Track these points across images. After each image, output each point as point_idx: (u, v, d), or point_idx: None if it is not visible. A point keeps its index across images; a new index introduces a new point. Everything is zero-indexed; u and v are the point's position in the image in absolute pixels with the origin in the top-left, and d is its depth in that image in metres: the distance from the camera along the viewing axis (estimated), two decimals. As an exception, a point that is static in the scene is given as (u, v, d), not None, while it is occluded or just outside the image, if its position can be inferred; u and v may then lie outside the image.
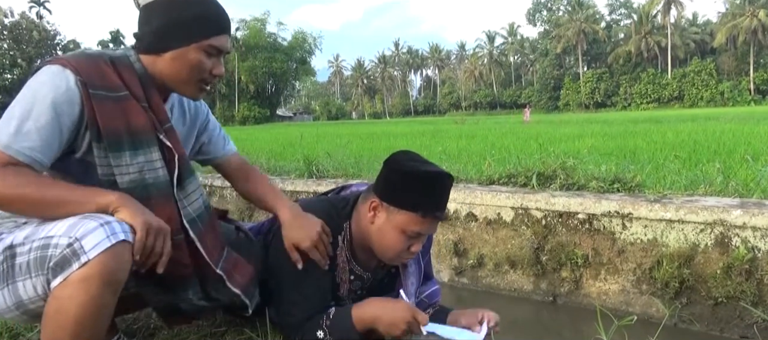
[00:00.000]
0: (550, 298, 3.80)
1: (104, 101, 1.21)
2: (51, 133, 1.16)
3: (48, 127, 1.15)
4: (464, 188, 4.37)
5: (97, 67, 1.24)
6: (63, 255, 1.07)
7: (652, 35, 71.76)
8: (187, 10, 1.28)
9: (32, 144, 1.14)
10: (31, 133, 1.14)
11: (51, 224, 1.13)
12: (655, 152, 6.30)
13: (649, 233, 3.39)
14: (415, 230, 1.44)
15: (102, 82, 1.23)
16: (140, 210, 1.15)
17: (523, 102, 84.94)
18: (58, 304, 1.07)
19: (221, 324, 1.63)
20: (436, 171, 1.45)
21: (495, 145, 8.76)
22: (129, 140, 1.24)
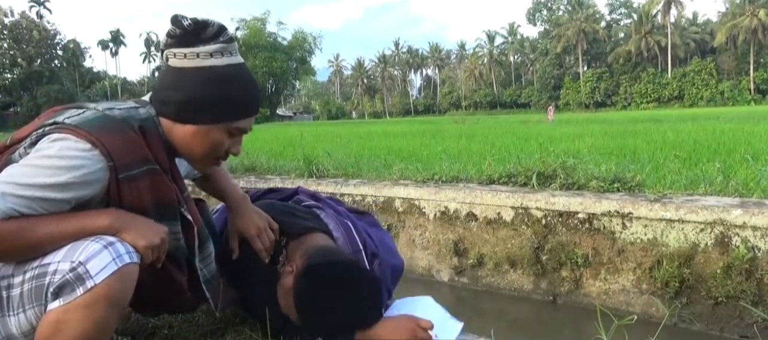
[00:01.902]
0: (550, 297, 3.80)
1: (133, 180, 1.15)
2: (51, 209, 1.09)
3: (50, 204, 1.08)
4: (464, 187, 4.38)
5: (127, 141, 1.15)
6: (65, 280, 1.03)
7: (652, 35, 71.74)
8: (221, 88, 1.21)
9: (21, 211, 1.06)
10: (30, 202, 1.06)
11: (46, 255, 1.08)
12: (655, 152, 6.30)
13: (649, 232, 3.39)
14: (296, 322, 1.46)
15: (132, 158, 1.15)
16: (141, 231, 1.12)
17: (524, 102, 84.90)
18: (56, 327, 1.03)
19: (220, 323, 1.63)
20: (336, 313, 1.36)
21: (495, 144, 8.75)
22: (155, 214, 1.19)
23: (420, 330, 1.39)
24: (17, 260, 1.09)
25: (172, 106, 1.20)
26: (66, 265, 1.04)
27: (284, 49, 58.80)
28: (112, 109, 1.19)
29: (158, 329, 1.62)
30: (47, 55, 63.70)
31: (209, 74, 1.19)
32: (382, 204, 4.75)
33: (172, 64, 1.20)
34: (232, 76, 1.23)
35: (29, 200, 1.05)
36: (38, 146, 1.11)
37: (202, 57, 1.19)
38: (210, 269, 1.36)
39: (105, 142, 1.11)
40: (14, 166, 1.10)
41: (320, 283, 1.35)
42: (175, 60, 1.20)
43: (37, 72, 60.44)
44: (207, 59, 1.20)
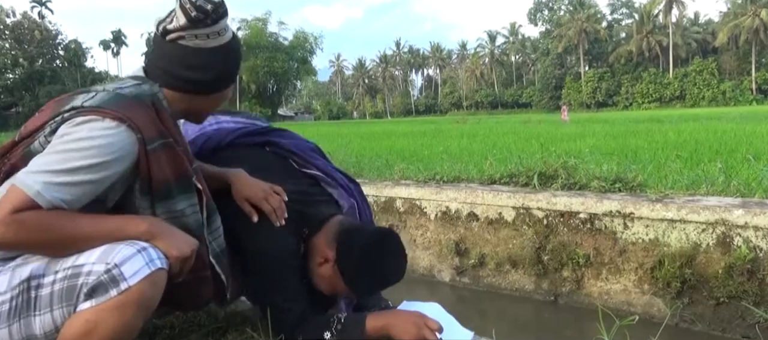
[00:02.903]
0: (552, 298, 3.80)
1: (157, 153, 1.19)
2: (89, 191, 1.11)
3: (88, 187, 1.10)
4: (465, 187, 4.37)
5: (148, 117, 1.20)
6: (100, 281, 1.05)
7: (653, 35, 71.67)
8: (235, 59, 1.35)
9: (64, 198, 1.08)
10: (68, 186, 1.08)
11: (78, 254, 1.10)
12: (657, 152, 6.29)
13: (651, 232, 3.38)
14: (346, 294, 1.57)
15: (154, 132, 1.19)
16: (175, 241, 1.15)
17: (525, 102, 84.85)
18: (87, 327, 1.05)
19: (222, 322, 1.63)
20: (390, 276, 1.52)
21: (496, 144, 8.75)
22: (177, 187, 1.23)
23: (427, 329, 1.41)
24: (53, 254, 1.10)
25: (201, 85, 1.30)
26: (101, 267, 1.06)
27: (285, 49, 58.85)
28: (121, 88, 1.23)
29: (160, 329, 1.62)
30: (49, 56, 63.78)
31: (226, 50, 1.31)
32: (383, 204, 4.75)
33: (194, 44, 1.26)
34: (236, 46, 1.37)
35: (69, 186, 1.07)
36: (62, 132, 1.12)
37: (221, 35, 1.29)
38: (219, 243, 1.37)
39: (131, 117, 1.15)
40: (43, 155, 1.10)
41: (362, 254, 1.46)
42: (197, 41, 1.26)
43: (38, 72, 60.53)
44: (223, 36, 1.30)
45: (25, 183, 1.05)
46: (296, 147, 1.69)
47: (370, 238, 1.51)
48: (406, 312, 1.52)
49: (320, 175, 1.65)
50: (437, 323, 1.46)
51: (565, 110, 28.31)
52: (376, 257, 1.47)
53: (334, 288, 1.51)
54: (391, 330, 1.45)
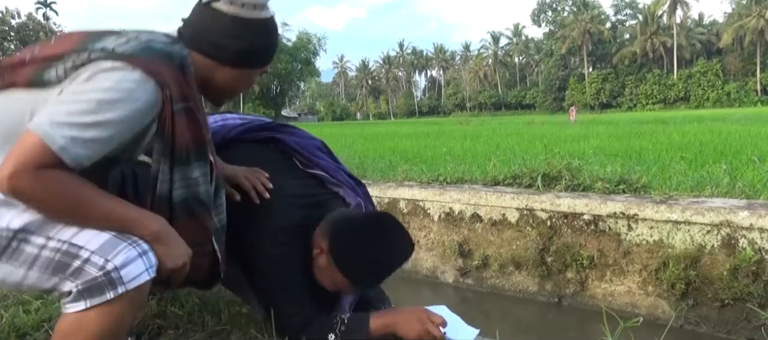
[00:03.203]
0: (556, 299, 3.79)
1: (180, 116, 1.16)
2: (111, 148, 1.09)
3: (109, 142, 1.07)
4: (469, 188, 4.37)
5: (176, 77, 1.16)
6: (96, 281, 1.03)
7: (657, 36, 71.49)
8: (269, 38, 1.32)
9: (88, 154, 1.04)
10: (92, 143, 1.04)
11: (78, 229, 1.07)
12: (661, 153, 6.27)
13: (655, 234, 3.37)
14: (347, 289, 1.49)
15: (180, 94, 1.16)
16: (174, 251, 1.13)
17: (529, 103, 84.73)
18: (79, 324, 1.04)
19: (226, 324, 1.63)
20: (387, 261, 1.44)
21: (500, 145, 8.74)
22: (194, 154, 1.21)
23: (431, 324, 1.41)
24: (57, 218, 1.06)
25: (230, 53, 1.25)
26: (99, 261, 1.04)
27: (289, 51, 58.88)
28: (153, 40, 1.18)
29: (164, 329, 1.62)
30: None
31: (262, 26, 1.28)
32: (386, 205, 4.75)
33: (231, 11, 1.23)
34: (273, 28, 1.34)
35: (93, 143, 1.04)
36: (88, 75, 1.07)
37: (259, 10, 1.27)
38: (221, 219, 1.35)
39: (161, 72, 1.12)
40: (66, 102, 1.05)
41: (353, 237, 1.41)
42: (235, 8, 1.23)
43: (43, 73, 60.65)
44: (262, 12, 1.28)
45: (50, 136, 1.00)
46: (300, 145, 1.65)
47: (362, 221, 1.47)
48: (410, 309, 1.50)
49: (324, 175, 1.62)
50: (441, 318, 1.44)
51: (574, 111, 27.96)
52: (371, 242, 1.41)
53: (334, 282, 1.45)
54: (396, 328, 1.44)
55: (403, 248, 1.46)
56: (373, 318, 1.46)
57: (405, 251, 1.46)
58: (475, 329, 1.57)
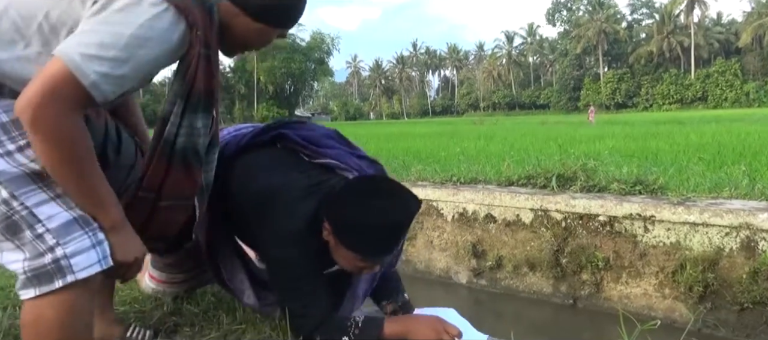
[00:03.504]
0: (570, 301, 3.76)
1: (202, 61, 1.15)
2: (135, 84, 1.08)
3: (136, 80, 1.06)
4: (483, 189, 4.35)
5: (204, 19, 1.14)
6: (46, 269, 1.02)
7: (674, 35, 70.56)
8: (299, 1, 1.30)
9: (115, 91, 1.04)
10: (121, 80, 1.03)
11: (44, 200, 1.04)
12: (678, 154, 6.19)
13: (672, 236, 3.33)
14: (360, 265, 1.40)
15: (205, 38, 1.15)
16: (128, 246, 1.11)
17: (543, 103, 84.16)
18: (37, 313, 1.04)
19: (241, 322, 1.64)
20: (389, 222, 1.33)
21: (514, 146, 8.69)
22: (204, 103, 1.20)
23: (446, 334, 1.40)
24: (49, 167, 1.02)
25: (256, 5, 1.22)
26: (51, 241, 1.02)
27: (303, 51, 59.12)
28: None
29: (180, 327, 1.64)
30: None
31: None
32: (400, 205, 4.74)
33: None
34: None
35: (122, 80, 1.03)
36: (123, 6, 1.04)
37: None
38: (207, 177, 1.34)
39: (194, 14, 1.10)
40: (100, 32, 1.02)
41: (348, 206, 1.34)
42: None
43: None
44: None
45: (81, 69, 0.98)
46: (306, 138, 1.61)
47: (355, 188, 1.40)
48: (424, 317, 1.47)
49: (332, 162, 1.58)
50: (457, 329, 1.42)
51: (593, 111, 26.99)
52: (368, 206, 1.31)
53: (347, 261, 1.40)
54: (409, 335, 1.42)
55: (405, 204, 1.37)
56: (388, 323, 1.45)
57: (408, 208, 1.37)
58: (483, 336, 1.55)
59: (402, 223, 1.37)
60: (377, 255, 1.39)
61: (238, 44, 1.29)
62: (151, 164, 1.18)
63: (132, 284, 1.97)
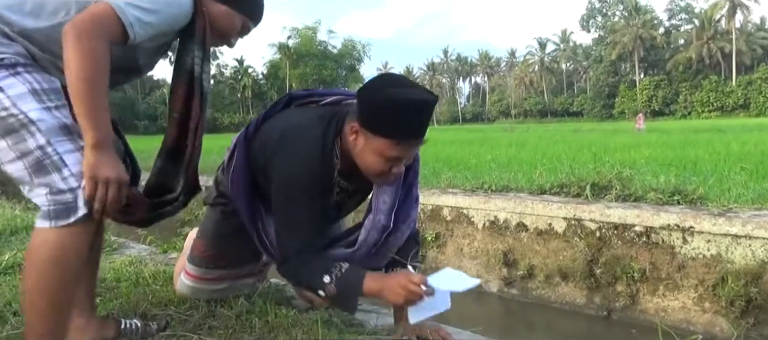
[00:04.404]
0: (605, 312, 3.67)
1: (208, 26, 1.43)
2: (157, 32, 1.33)
3: (159, 29, 1.33)
4: (514, 197, 4.30)
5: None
6: (68, 206, 1.21)
7: (715, 41, 68.44)
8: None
9: (143, 34, 1.29)
10: (149, 26, 1.29)
11: (73, 148, 1.24)
12: (719, 163, 5.99)
13: (713, 248, 3.22)
14: (393, 155, 1.42)
15: (207, 9, 1.43)
16: (107, 167, 1.22)
17: (576, 110, 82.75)
18: (44, 237, 1.21)
19: (273, 328, 1.66)
20: (414, 98, 1.39)
21: (546, 153, 8.56)
22: (208, 57, 1.49)
23: (411, 284, 1.42)
24: (71, 83, 1.20)
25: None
26: (74, 183, 1.21)
27: (334, 57, 59.71)
28: None
29: (214, 329, 1.67)
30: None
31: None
32: (430, 212, 4.73)
33: None
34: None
35: (149, 26, 1.29)
36: None
37: None
38: (207, 85, 1.52)
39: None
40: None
41: (376, 94, 1.41)
42: None
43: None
44: None
45: (123, 11, 1.24)
46: (312, 91, 1.72)
47: (379, 80, 1.47)
48: (393, 276, 1.51)
49: (339, 96, 1.66)
50: (420, 277, 1.46)
51: (641, 118, 24.99)
52: (395, 90, 1.39)
53: (378, 156, 1.42)
54: (383, 294, 1.46)
55: (426, 90, 1.46)
56: (368, 278, 1.47)
57: (430, 93, 1.45)
58: (474, 279, 1.55)
59: (429, 101, 1.43)
60: (410, 135, 1.43)
61: (212, 30, 1.47)
62: (192, 98, 1.47)
63: (167, 287, 2.02)
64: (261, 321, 1.70)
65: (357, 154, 1.45)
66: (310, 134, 1.48)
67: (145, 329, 1.64)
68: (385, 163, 1.44)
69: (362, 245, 1.59)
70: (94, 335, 1.54)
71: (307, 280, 1.49)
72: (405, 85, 1.42)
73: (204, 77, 1.49)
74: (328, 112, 1.55)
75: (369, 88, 1.43)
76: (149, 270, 2.26)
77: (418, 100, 1.40)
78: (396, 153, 1.43)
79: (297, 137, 1.50)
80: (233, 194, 1.63)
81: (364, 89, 1.44)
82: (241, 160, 1.62)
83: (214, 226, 1.75)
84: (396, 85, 1.42)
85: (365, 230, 1.59)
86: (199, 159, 1.55)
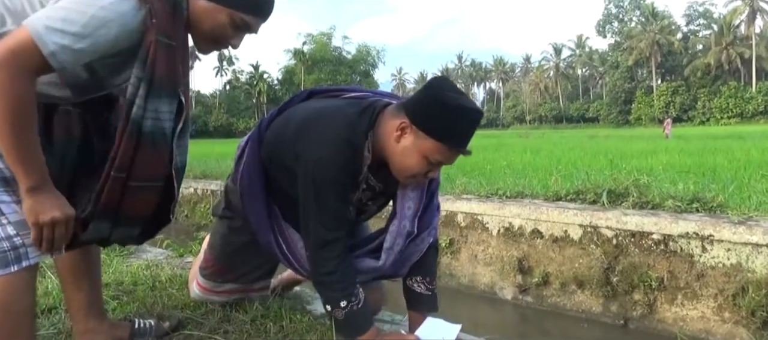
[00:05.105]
0: (621, 321, 3.62)
1: (161, 48, 1.22)
2: (92, 58, 1.17)
3: (94, 54, 1.16)
4: (529, 203, 4.27)
5: (164, 9, 1.22)
6: (4, 255, 1.17)
7: (734, 46, 67.39)
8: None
9: (72, 61, 1.14)
10: (79, 53, 1.14)
11: (10, 200, 1.19)
12: (739, 171, 5.89)
13: (733, 257, 3.17)
14: (437, 159, 1.41)
15: (164, 27, 1.22)
16: (44, 208, 1.17)
17: (592, 116, 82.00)
18: None
19: (288, 333, 1.67)
20: (472, 107, 1.40)
21: (561, 160, 8.49)
22: (167, 89, 1.26)
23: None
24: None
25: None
26: (12, 232, 1.18)
27: (348, 63, 59.99)
28: None
29: (229, 333, 1.68)
30: (129, 70, 67.77)
31: None
32: (444, 218, 4.71)
33: None
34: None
35: (80, 54, 1.13)
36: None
37: None
38: (182, 160, 1.38)
39: (154, 3, 1.19)
40: (67, 9, 1.12)
41: (432, 95, 1.39)
42: None
43: (120, 85, 64.44)
44: None
45: (43, 40, 1.09)
46: (337, 85, 1.70)
47: (433, 82, 1.44)
48: (393, 334, 1.59)
49: (364, 93, 1.62)
50: (413, 337, 1.51)
51: (669, 124, 23.89)
52: (450, 95, 1.37)
53: (421, 156, 1.39)
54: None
55: (476, 104, 1.45)
56: (372, 330, 1.49)
57: (478, 107, 1.44)
58: (457, 325, 1.57)
59: (481, 114, 1.43)
60: (461, 143, 1.41)
61: (197, 32, 1.31)
62: (120, 145, 1.24)
63: (183, 291, 2.04)
64: (276, 326, 1.70)
65: (397, 151, 1.42)
66: (338, 118, 1.44)
67: (158, 327, 1.65)
68: (426, 166, 1.42)
69: (389, 254, 1.56)
70: (105, 336, 1.54)
71: (328, 288, 1.46)
72: (461, 93, 1.42)
73: (147, 116, 1.25)
74: (359, 103, 1.50)
75: (432, 88, 1.41)
76: (166, 274, 2.29)
77: (475, 110, 1.40)
78: (441, 158, 1.41)
79: (325, 122, 1.45)
80: (244, 193, 1.57)
81: (427, 88, 1.42)
82: (252, 157, 1.57)
83: (222, 240, 1.72)
84: (456, 92, 1.41)
85: (391, 235, 1.56)
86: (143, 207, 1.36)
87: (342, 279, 1.45)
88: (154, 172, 1.31)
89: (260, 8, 1.32)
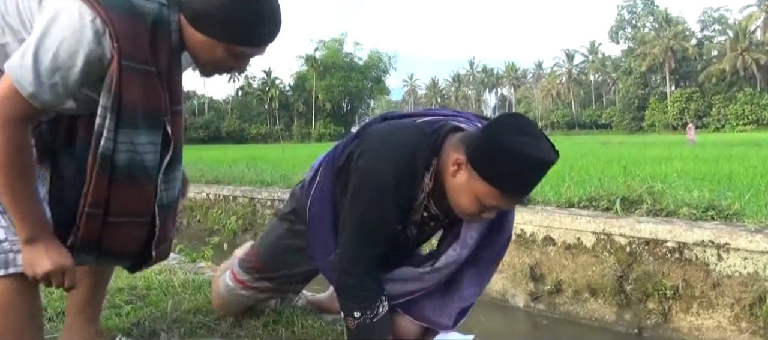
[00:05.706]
0: (635, 330, 3.58)
1: (130, 73, 1.13)
2: (69, 93, 1.13)
3: (69, 87, 1.11)
4: (542, 210, 4.24)
5: (134, 32, 1.13)
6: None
7: (750, 52, 66.60)
8: (233, 9, 1.16)
9: (53, 98, 1.10)
10: (55, 88, 1.09)
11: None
12: (755, 178, 5.81)
13: (750, 265, 3.12)
14: (490, 204, 1.31)
15: (133, 51, 1.13)
16: (37, 261, 1.16)
17: (604, 122, 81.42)
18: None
19: (300, 338, 1.67)
20: (537, 156, 1.25)
21: (574, 166, 8.43)
22: (144, 119, 1.18)
23: None
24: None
25: (190, 11, 1.18)
26: (1, 236, 1.17)
27: (360, 69, 60.22)
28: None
29: (241, 338, 1.68)
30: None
31: (241, 4, 1.16)
32: (455, 224, 4.70)
33: None
34: (266, 8, 1.20)
35: (55, 87, 1.09)
36: (53, 15, 1.09)
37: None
38: (170, 196, 1.30)
39: (114, 25, 1.10)
40: (34, 45, 1.07)
41: (493, 136, 1.27)
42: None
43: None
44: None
45: (20, 82, 1.06)
46: (412, 111, 1.60)
47: (500, 122, 1.31)
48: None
49: (436, 115, 1.51)
50: None
51: (692, 129, 22.57)
52: (514, 138, 1.23)
53: (469, 204, 1.31)
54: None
55: (550, 145, 1.28)
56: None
57: (552, 150, 1.28)
58: (469, 336, 1.56)
59: (551, 162, 1.28)
60: (519, 192, 1.31)
61: (197, 60, 1.25)
62: (90, 180, 1.18)
63: (196, 296, 2.05)
64: (288, 331, 1.71)
65: (452, 186, 1.33)
66: (404, 139, 1.36)
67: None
68: (479, 208, 1.32)
69: (434, 272, 1.51)
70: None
71: (345, 297, 1.45)
72: (532, 135, 1.27)
73: (120, 148, 1.17)
74: (429, 126, 1.42)
75: (493, 128, 1.30)
76: (179, 278, 2.30)
77: (540, 158, 1.26)
78: (495, 203, 1.31)
79: (391, 140, 1.37)
80: (311, 219, 1.53)
81: (488, 126, 1.32)
82: (325, 186, 1.51)
83: (276, 239, 1.68)
84: (522, 134, 1.26)
85: (446, 257, 1.51)
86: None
87: (361, 292, 1.43)
88: (137, 207, 1.24)
89: (260, 39, 1.23)
